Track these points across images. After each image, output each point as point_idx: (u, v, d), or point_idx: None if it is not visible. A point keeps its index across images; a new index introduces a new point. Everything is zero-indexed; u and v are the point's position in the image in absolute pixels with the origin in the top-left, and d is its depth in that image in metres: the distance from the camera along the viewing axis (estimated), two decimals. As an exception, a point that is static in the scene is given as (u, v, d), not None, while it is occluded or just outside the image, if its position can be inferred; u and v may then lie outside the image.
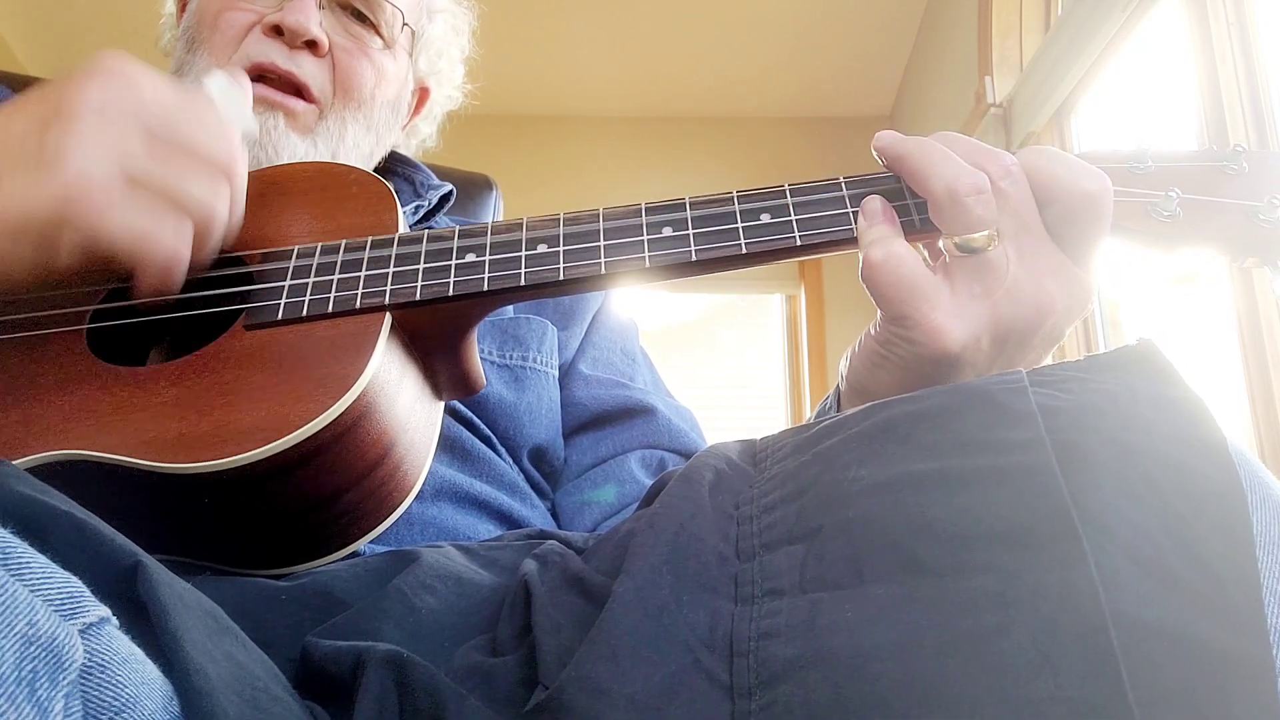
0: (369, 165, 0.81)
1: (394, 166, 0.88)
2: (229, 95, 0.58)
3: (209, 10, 0.76)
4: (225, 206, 0.50)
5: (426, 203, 0.83)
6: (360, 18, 0.79)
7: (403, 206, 0.59)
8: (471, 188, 1.13)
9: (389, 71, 0.80)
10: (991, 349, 0.47)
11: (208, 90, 0.58)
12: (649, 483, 0.70)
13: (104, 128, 0.45)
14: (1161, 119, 1.67)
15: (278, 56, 0.73)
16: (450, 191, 0.86)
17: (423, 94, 0.91)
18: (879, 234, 0.48)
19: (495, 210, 1.15)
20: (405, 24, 0.82)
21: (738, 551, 0.35)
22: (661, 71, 2.91)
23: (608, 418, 0.75)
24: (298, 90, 0.75)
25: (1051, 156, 0.48)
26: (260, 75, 0.73)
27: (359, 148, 0.79)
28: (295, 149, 0.73)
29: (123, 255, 0.47)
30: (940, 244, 0.48)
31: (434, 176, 0.87)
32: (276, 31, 0.73)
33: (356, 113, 0.78)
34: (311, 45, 0.74)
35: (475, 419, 0.68)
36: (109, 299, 0.55)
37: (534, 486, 0.71)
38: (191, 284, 0.52)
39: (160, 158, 0.47)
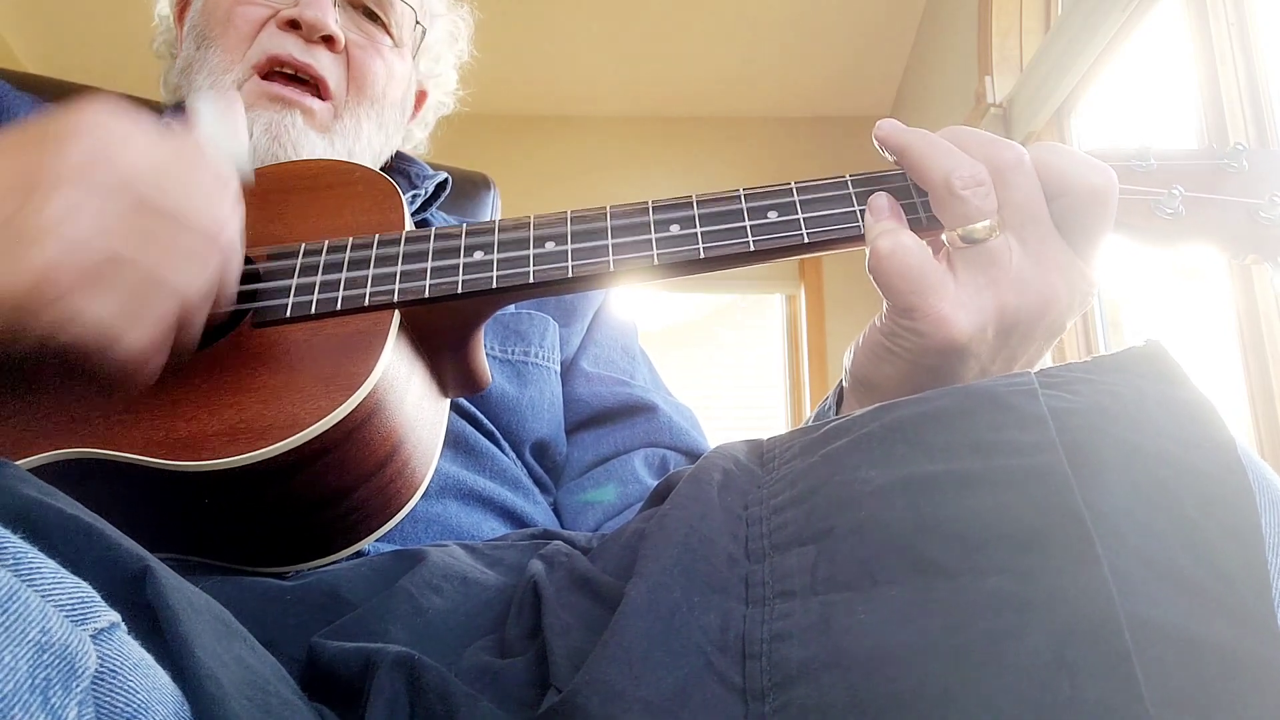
0: (378, 164, 0.82)
1: (389, 160, 0.88)
2: (219, 123, 0.55)
3: (220, 6, 0.75)
4: (211, 279, 0.45)
5: (423, 191, 0.83)
6: (371, 16, 0.80)
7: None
8: (469, 186, 1.12)
9: (398, 70, 0.81)
10: (996, 340, 0.47)
11: (198, 116, 0.54)
12: (652, 483, 0.70)
13: (84, 202, 0.40)
14: (1162, 119, 1.67)
15: (294, 49, 0.73)
16: (445, 179, 0.86)
17: (420, 96, 0.92)
18: (886, 228, 0.48)
19: (494, 209, 1.15)
20: (418, 22, 0.83)
21: (747, 552, 0.35)
22: (661, 71, 2.91)
23: (609, 415, 0.75)
24: (315, 86, 0.75)
25: (1060, 151, 0.48)
26: (274, 69, 0.74)
27: (371, 146, 0.79)
28: (315, 146, 0.73)
29: (91, 349, 0.41)
30: (944, 237, 0.49)
31: (428, 168, 0.88)
32: (292, 26, 0.74)
33: (370, 110, 0.78)
34: (328, 41, 0.75)
35: (478, 414, 0.68)
36: None
37: (536, 482, 0.71)
38: None
39: (144, 232, 0.42)
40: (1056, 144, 0.50)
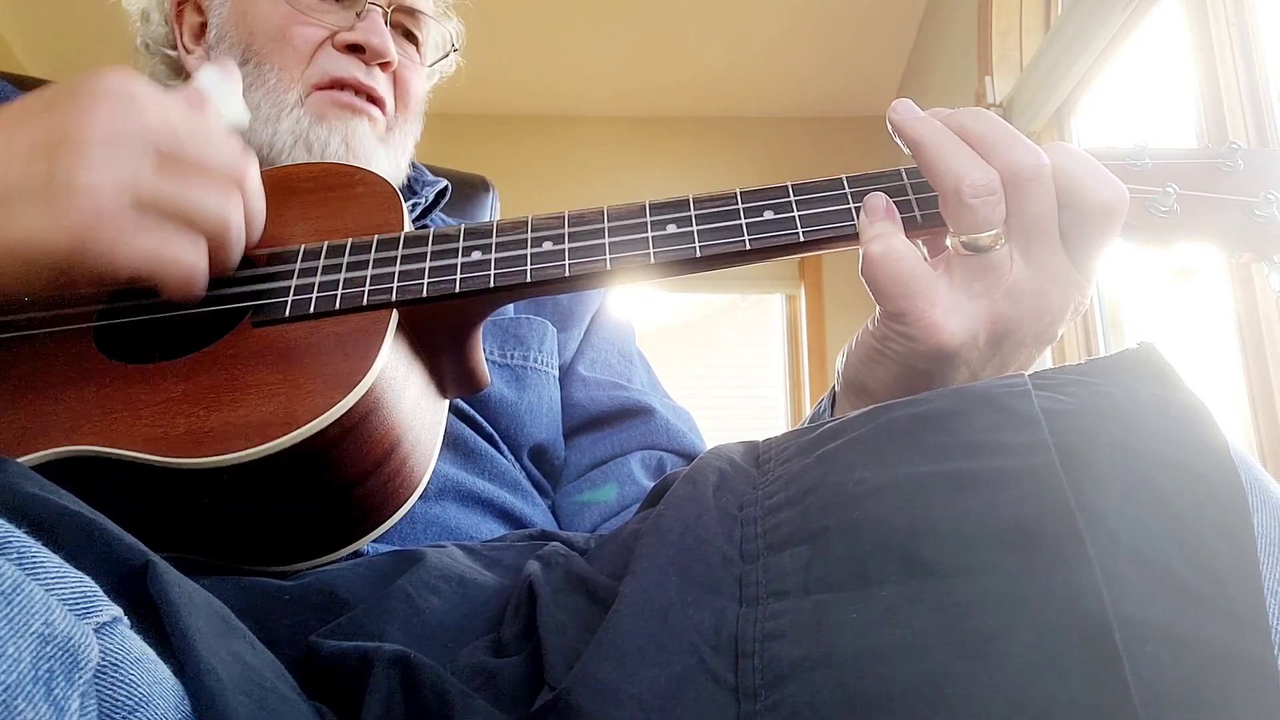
0: (404, 173, 0.83)
1: None
2: (221, 88, 0.59)
3: (270, 23, 0.75)
4: (239, 214, 0.50)
5: (423, 199, 0.84)
6: (408, 35, 0.82)
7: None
8: (468, 188, 1.12)
9: (425, 86, 0.85)
10: (987, 347, 0.47)
11: (201, 84, 0.58)
12: (649, 484, 0.70)
13: (113, 155, 0.45)
14: (1161, 119, 1.67)
15: (358, 72, 0.75)
16: (445, 187, 0.87)
17: None
18: (880, 230, 0.48)
19: (493, 211, 1.15)
20: (455, 48, 0.86)
21: (741, 553, 0.35)
22: (661, 71, 2.91)
23: (606, 418, 0.76)
24: (374, 103, 0.77)
25: (1078, 160, 0.47)
26: (338, 86, 0.75)
27: (408, 157, 0.82)
28: (381, 159, 0.75)
29: (141, 278, 0.47)
30: (946, 240, 0.48)
31: (428, 173, 0.89)
32: (352, 49, 0.75)
33: (413, 125, 0.81)
34: (384, 65, 0.77)
35: (478, 417, 0.68)
36: (116, 298, 0.55)
37: (535, 485, 0.71)
38: None
39: (171, 177, 0.47)
40: (1075, 149, 0.48)
